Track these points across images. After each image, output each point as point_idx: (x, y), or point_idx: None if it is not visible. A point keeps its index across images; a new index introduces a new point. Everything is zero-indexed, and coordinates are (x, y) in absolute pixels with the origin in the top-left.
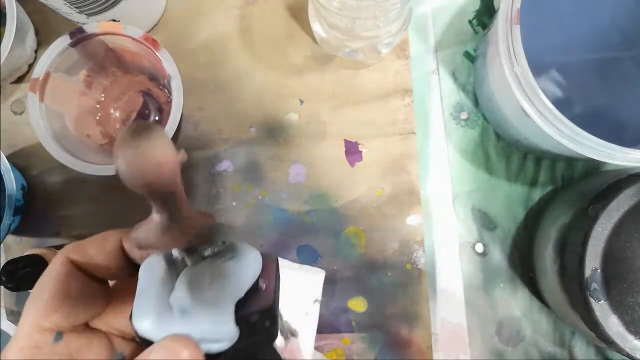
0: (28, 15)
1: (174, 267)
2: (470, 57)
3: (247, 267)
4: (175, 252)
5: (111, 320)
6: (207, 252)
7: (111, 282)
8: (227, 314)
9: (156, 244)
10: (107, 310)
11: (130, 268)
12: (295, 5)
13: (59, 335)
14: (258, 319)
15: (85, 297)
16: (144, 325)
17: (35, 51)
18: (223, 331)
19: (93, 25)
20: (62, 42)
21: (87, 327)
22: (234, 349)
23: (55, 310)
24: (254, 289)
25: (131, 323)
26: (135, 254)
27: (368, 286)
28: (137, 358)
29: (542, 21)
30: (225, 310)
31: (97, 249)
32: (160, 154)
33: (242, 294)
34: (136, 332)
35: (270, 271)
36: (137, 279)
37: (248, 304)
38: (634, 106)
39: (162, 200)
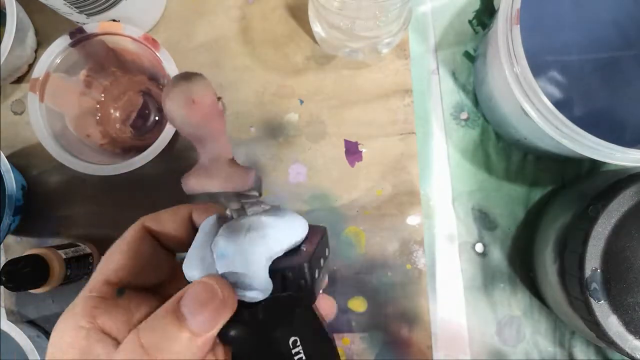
0: (28, 15)
1: (223, 222)
2: (470, 57)
3: (287, 228)
4: (227, 211)
5: (174, 290)
6: (252, 210)
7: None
8: (258, 264)
9: (201, 185)
10: (171, 282)
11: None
12: (295, 5)
13: (121, 290)
14: (292, 276)
15: (153, 262)
16: (192, 272)
17: (35, 51)
18: (255, 280)
19: (93, 25)
20: (62, 42)
21: (149, 291)
22: (270, 302)
23: (124, 270)
24: (295, 251)
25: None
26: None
27: (368, 286)
28: (178, 293)
29: (542, 21)
30: (257, 260)
31: (169, 217)
32: (205, 97)
33: (279, 251)
34: (186, 280)
35: (314, 238)
36: None
37: (286, 262)
38: (634, 106)
39: (207, 144)
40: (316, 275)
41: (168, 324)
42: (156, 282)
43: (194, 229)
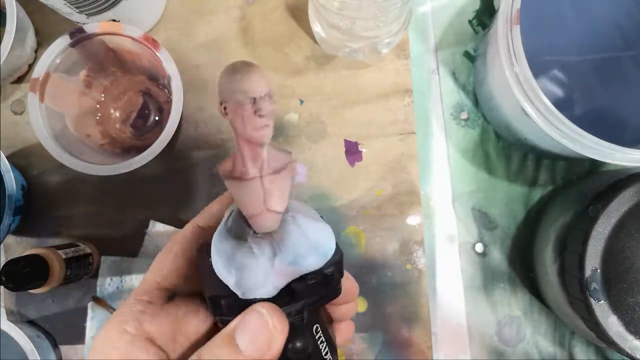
0: (28, 15)
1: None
2: (470, 57)
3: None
4: None
5: None
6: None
7: None
8: (328, 227)
9: (240, 173)
10: None
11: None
12: (295, 5)
13: (172, 295)
14: (332, 271)
15: None
16: (225, 277)
17: (35, 51)
18: (324, 242)
19: (93, 25)
20: (62, 42)
21: (199, 297)
22: (308, 302)
23: (175, 272)
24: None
25: (218, 299)
26: None
27: (368, 286)
28: (233, 322)
29: (542, 21)
30: (325, 224)
31: (221, 206)
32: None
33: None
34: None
35: None
36: None
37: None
38: (634, 106)
39: None
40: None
41: (225, 355)
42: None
43: None
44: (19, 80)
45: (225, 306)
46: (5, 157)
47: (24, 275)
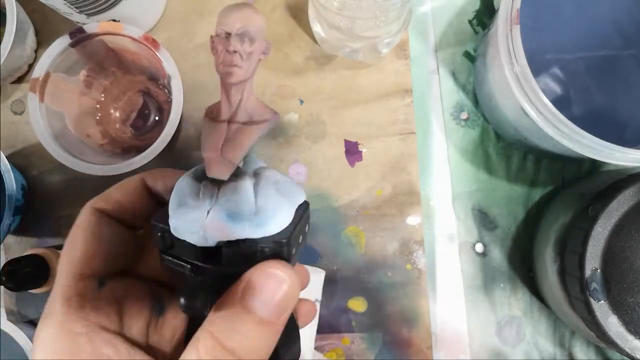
0: (28, 15)
1: (203, 176)
2: (470, 57)
3: (294, 187)
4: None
5: (145, 267)
6: (249, 166)
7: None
8: (290, 207)
9: (215, 114)
10: (142, 260)
11: (157, 208)
12: (295, 5)
13: (101, 281)
14: (269, 250)
15: (119, 244)
16: (188, 236)
17: (35, 51)
18: (270, 215)
19: (93, 25)
20: (62, 42)
21: (125, 275)
22: (236, 270)
23: (93, 257)
24: None
25: (159, 226)
26: (159, 186)
27: (368, 286)
28: (239, 283)
29: (542, 21)
30: (291, 203)
31: (120, 192)
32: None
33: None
34: (161, 255)
35: (296, 213)
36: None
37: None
38: (634, 106)
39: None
40: (293, 252)
41: (238, 316)
42: (130, 263)
43: (152, 198)
44: (19, 80)
45: (160, 237)
46: (5, 157)
47: (24, 275)
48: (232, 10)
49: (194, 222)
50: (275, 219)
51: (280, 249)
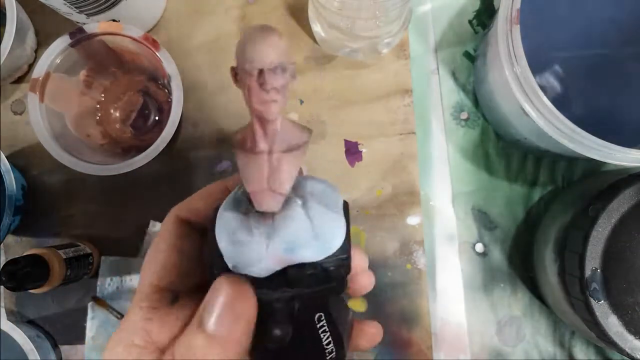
0: (28, 15)
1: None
2: (470, 57)
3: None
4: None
5: None
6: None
7: None
8: (341, 221)
9: (249, 145)
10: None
11: None
12: (295, 5)
13: (175, 297)
14: (334, 267)
15: (199, 257)
16: (231, 262)
17: (35, 51)
18: (329, 236)
19: (93, 25)
20: (62, 42)
21: (201, 290)
22: (303, 291)
23: (168, 270)
24: None
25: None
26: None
27: None
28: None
29: (542, 21)
30: (340, 216)
31: (204, 201)
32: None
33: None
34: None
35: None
36: None
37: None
38: (634, 106)
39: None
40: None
41: (197, 339)
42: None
43: None
44: (19, 80)
45: (216, 276)
46: (5, 157)
47: (24, 275)
48: (259, 42)
49: (253, 258)
50: (334, 239)
51: (343, 263)
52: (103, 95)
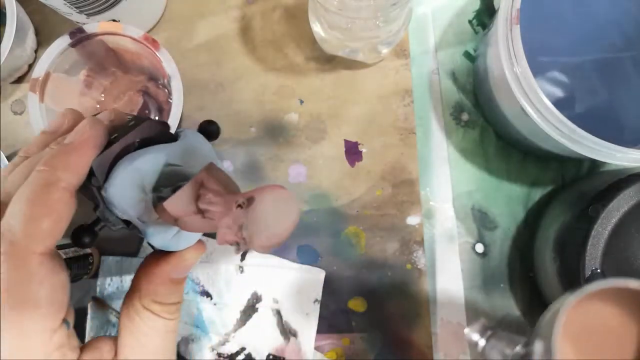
0: (28, 15)
1: None
2: (470, 57)
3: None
4: None
5: None
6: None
7: None
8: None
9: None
10: None
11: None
12: (295, 5)
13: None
14: None
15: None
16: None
17: (35, 51)
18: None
19: (93, 25)
20: (62, 42)
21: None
22: None
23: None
24: None
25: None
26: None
27: (368, 286)
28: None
29: (542, 21)
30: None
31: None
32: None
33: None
34: None
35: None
36: None
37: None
38: (634, 106)
39: None
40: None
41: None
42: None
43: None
44: (19, 80)
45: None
46: (5, 157)
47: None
48: (283, 224)
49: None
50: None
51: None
52: (103, 95)
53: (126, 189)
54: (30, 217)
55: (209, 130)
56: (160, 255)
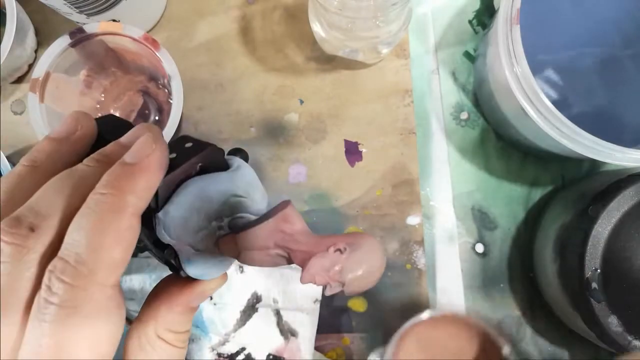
0: (28, 15)
1: None
2: (470, 57)
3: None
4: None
5: None
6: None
7: None
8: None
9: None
10: None
11: None
12: (295, 5)
13: None
14: None
15: None
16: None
17: (35, 51)
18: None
19: (93, 25)
20: (62, 42)
21: None
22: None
23: None
24: None
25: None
26: None
27: None
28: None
29: (542, 21)
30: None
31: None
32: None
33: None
34: None
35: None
36: None
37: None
38: (634, 106)
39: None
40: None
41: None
42: None
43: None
44: (19, 80)
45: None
46: (5, 157)
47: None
48: (376, 272)
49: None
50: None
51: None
52: (103, 95)
53: (192, 214)
54: (101, 247)
55: (241, 158)
56: (181, 283)
